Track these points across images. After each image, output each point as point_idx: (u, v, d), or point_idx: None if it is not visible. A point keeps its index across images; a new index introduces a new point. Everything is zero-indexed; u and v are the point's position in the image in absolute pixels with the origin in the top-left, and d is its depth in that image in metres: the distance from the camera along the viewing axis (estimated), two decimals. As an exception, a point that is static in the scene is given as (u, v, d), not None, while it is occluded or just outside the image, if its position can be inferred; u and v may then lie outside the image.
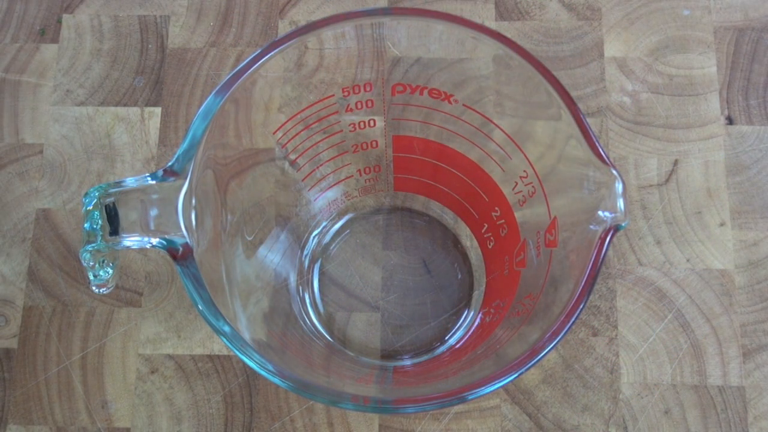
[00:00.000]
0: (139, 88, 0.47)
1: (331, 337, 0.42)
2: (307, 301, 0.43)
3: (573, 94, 0.46)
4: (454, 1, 0.48)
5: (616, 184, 0.28)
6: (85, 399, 0.42)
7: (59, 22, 0.48)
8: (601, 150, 0.28)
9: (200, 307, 0.28)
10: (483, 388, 0.27)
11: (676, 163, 0.45)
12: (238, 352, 0.27)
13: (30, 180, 0.45)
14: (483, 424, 0.41)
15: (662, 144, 0.45)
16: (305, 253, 0.43)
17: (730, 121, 0.46)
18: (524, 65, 0.30)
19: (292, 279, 0.42)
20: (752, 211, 0.44)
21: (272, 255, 0.40)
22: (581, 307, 0.27)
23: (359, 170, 0.41)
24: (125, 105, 0.47)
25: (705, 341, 0.42)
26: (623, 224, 0.28)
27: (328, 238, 0.44)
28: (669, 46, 0.47)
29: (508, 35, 0.47)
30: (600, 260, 0.28)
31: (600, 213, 0.28)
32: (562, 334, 0.27)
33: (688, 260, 0.43)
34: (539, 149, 0.33)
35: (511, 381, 0.28)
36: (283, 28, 0.48)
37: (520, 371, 0.27)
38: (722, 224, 0.44)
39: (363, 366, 0.41)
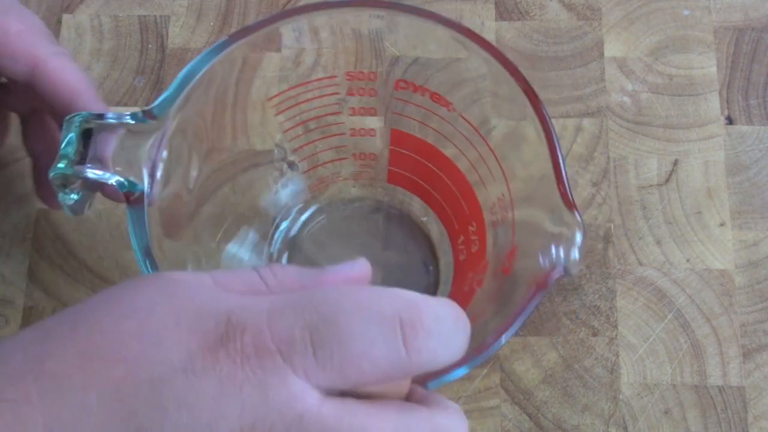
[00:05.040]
0: (139, 88, 0.47)
1: None
2: None
3: (573, 94, 0.46)
4: (454, 1, 0.48)
5: (577, 234, 0.28)
6: (85, 399, 0.42)
7: (59, 22, 0.49)
8: (569, 194, 0.28)
9: (135, 248, 0.28)
10: None
11: (676, 163, 0.45)
12: None
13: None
14: (483, 424, 0.41)
15: (662, 144, 0.45)
16: (273, 245, 0.43)
17: (730, 121, 0.46)
18: (507, 78, 0.30)
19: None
20: (752, 211, 0.44)
21: (242, 252, 0.40)
22: (492, 348, 0.27)
23: (354, 154, 0.40)
24: (125, 105, 0.47)
25: (705, 341, 0.42)
26: (572, 271, 0.27)
27: (296, 229, 0.43)
28: (669, 46, 0.47)
29: (508, 35, 0.47)
30: (536, 296, 0.27)
31: (553, 251, 0.28)
32: (463, 367, 0.27)
33: (688, 260, 0.43)
34: (519, 177, 0.33)
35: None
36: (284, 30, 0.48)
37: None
38: (722, 224, 0.44)
39: None
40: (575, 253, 0.27)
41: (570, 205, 0.28)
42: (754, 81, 0.46)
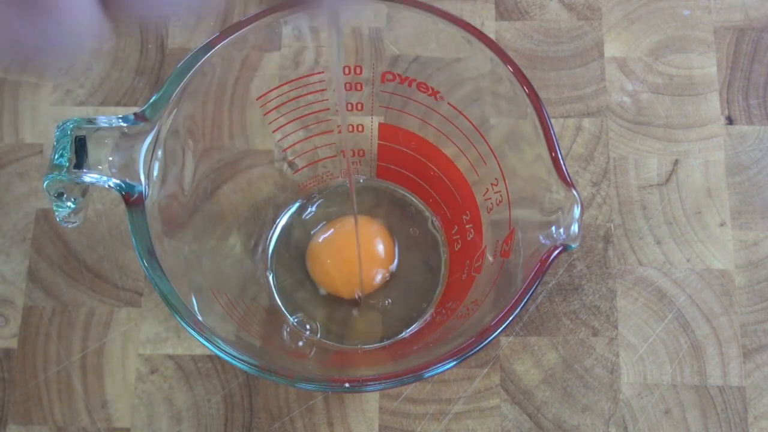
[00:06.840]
0: (139, 87, 0.47)
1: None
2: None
3: (573, 94, 0.46)
4: (454, 0, 0.48)
5: (575, 208, 0.28)
6: (85, 399, 0.42)
7: (59, 22, 0.48)
8: (565, 171, 0.28)
9: (136, 248, 0.28)
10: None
11: (676, 163, 0.45)
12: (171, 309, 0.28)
13: (30, 180, 0.45)
14: (483, 424, 0.41)
15: (662, 144, 0.45)
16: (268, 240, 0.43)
17: (730, 121, 0.46)
18: (501, 66, 0.30)
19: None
20: (752, 211, 0.44)
21: (238, 250, 0.40)
22: (501, 328, 0.27)
23: (342, 151, 0.40)
24: (125, 105, 0.47)
25: (705, 341, 0.42)
26: (573, 245, 0.28)
27: (294, 228, 0.43)
28: (669, 46, 0.47)
29: (508, 35, 0.47)
30: (539, 276, 0.27)
31: (553, 229, 0.28)
32: (469, 351, 0.27)
33: (688, 260, 0.43)
34: (512, 159, 0.33)
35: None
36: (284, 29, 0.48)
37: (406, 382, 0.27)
38: (722, 224, 0.44)
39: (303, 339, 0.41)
40: (575, 228, 0.28)
41: (566, 182, 0.28)
42: (754, 81, 0.46)
